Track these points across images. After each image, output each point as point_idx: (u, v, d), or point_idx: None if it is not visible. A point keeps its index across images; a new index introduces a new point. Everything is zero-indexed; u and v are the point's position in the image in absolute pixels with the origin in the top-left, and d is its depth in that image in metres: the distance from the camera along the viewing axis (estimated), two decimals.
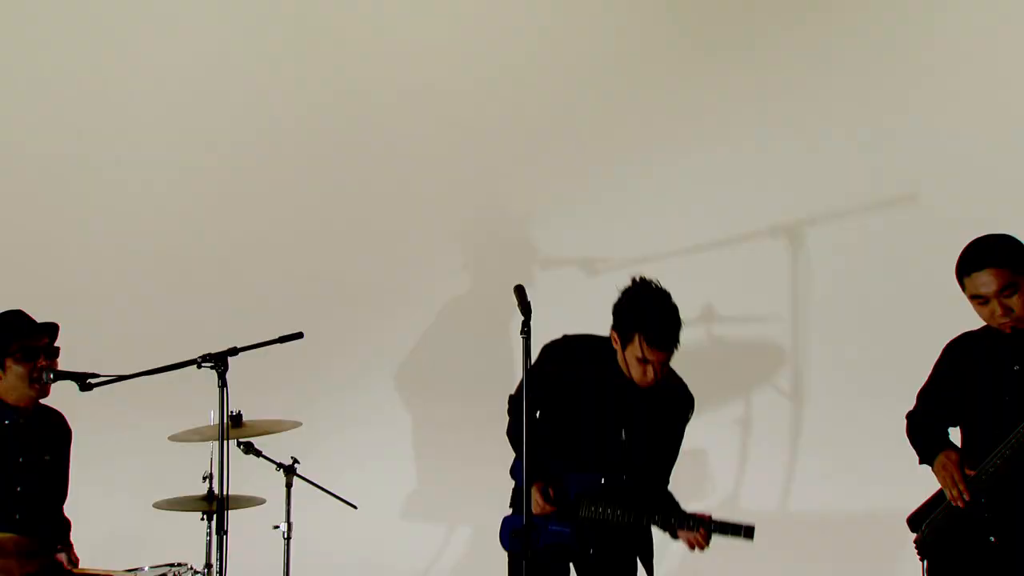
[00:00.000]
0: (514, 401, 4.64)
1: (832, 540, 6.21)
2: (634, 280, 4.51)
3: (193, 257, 6.91)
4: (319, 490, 5.40)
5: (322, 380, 6.74)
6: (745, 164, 6.48)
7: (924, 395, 4.53)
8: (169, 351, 6.53)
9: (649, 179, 6.60)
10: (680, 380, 4.61)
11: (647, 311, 4.32)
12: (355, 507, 5.48)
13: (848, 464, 6.21)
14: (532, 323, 4.30)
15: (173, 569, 4.94)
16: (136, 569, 4.96)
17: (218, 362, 4.40)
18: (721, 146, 6.50)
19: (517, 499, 4.57)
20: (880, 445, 5.94)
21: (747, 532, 4.42)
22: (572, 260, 6.64)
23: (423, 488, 6.72)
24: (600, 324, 6.42)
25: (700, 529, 4.41)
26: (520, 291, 4.35)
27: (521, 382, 4.48)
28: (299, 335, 4.62)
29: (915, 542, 4.47)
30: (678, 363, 4.66)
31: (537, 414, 4.54)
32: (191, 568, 5.04)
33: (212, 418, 5.04)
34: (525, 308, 4.23)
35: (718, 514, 4.50)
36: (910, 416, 4.55)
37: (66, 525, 4.96)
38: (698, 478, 6.37)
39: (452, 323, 6.74)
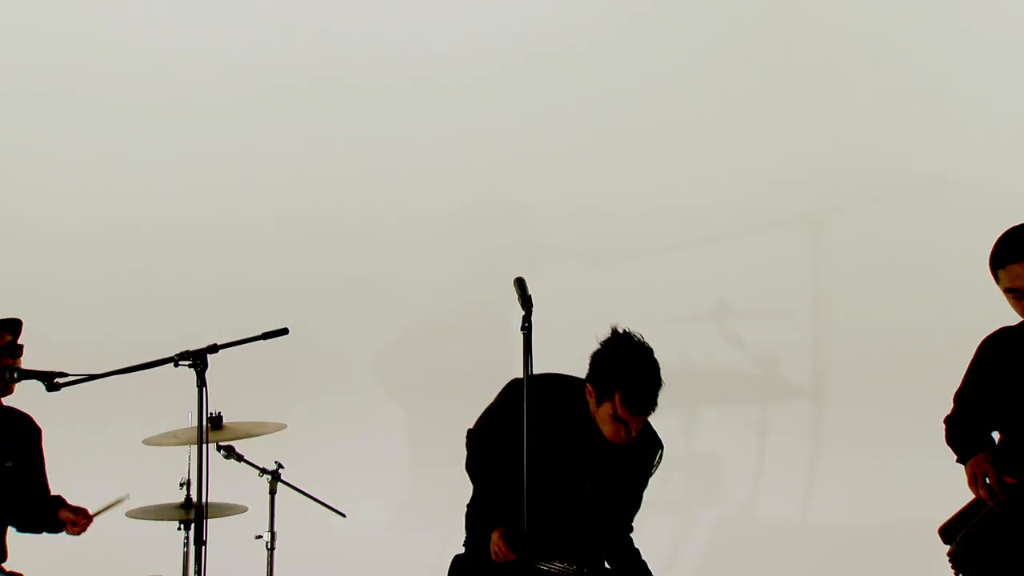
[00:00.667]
0: (474, 436, 4.62)
1: (856, 552, 6.20)
2: (615, 332, 4.49)
3: (169, 249, 6.90)
4: (305, 497, 5.36)
5: (308, 379, 6.73)
6: (762, 149, 6.47)
7: (961, 397, 4.48)
8: (144, 348, 6.56)
9: (658, 164, 6.60)
10: (649, 425, 4.57)
11: (628, 370, 4.30)
12: (343, 515, 5.46)
13: (873, 470, 6.21)
14: (533, 318, 4.31)
15: None
16: None
17: (196, 360, 4.35)
18: (736, 129, 6.49)
19: (473, 538, 4.54)
20: (909, 450, 6.02)
21: None
22: (575, 251, 6.64)
23: (417, 495, 6.72)
24: (603, 320, 6.43)
25: None
26: (520, 284, 4.33)
27: (481, 417, 4.56)
28: (284, 331, 4.59)
29: (949, 555, 4.42)
30: (690, 363, 4.60)
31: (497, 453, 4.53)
32: None
33: (190, 420, 4.92)
34: (526, 302, 4.21)
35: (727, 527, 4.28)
36: (948, 421, 4.50)
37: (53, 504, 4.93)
38: (711, 485, 6.37)
39: (447, 319, 6.73)
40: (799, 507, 6.33)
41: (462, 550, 4.70)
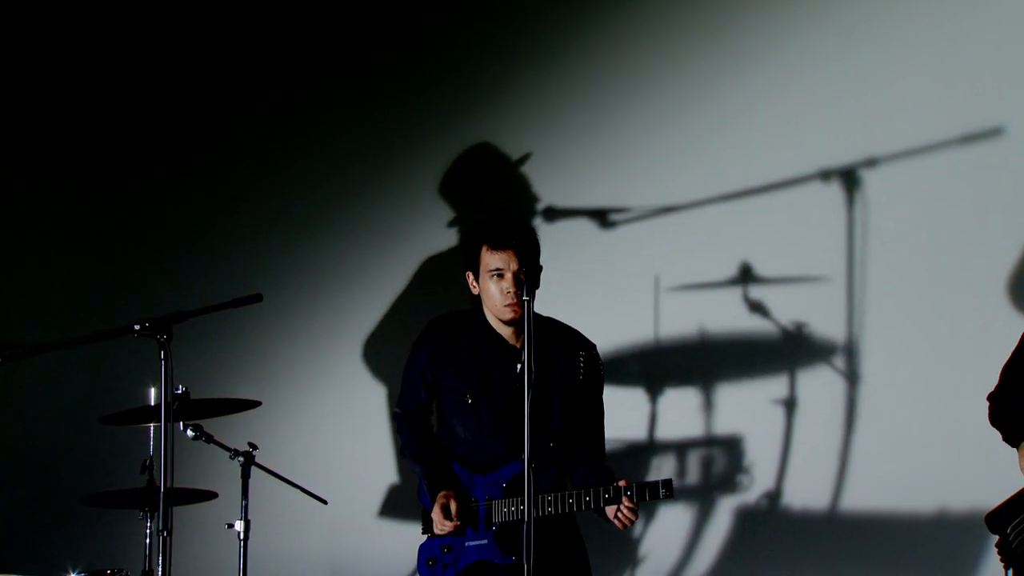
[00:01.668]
0: (400, 418, 4.91)
1: (894, 544, 6.19)
2: None
3: (131, 209, 6.90)
4: (281, 482, 5.34)
5: (285, 352, 6.75)
6: (789, 96, 6.42)
7: (1009, 371, 4.48)
8: (101, 317, 6.63)
9: (673, 114, 6.58)
10: (574, 329, 4.91)
11: (484, 222, 4.79)
12: (325, 502, 5.45)
13: (913, 454, 6.18)
14: (535, 283, 4.45)
15: None
16: None
17: (159, 330, 4.29)
18: (760, 75, 6.45)
19: (428, 521, 4.81)
20: (952, 431, 5.99)
21: (666, 487, 4.55)
22: (582, 211, 6.62)
23: (403, 481, 6.67)
24: (615, 285, 6.55)
25: (625, 500, 4.56)
26: (521, 243, 4.64)
27: (402, 392, 4.86)
28: (257, 297, 4.55)
29: (997, 545, 4.43)
30: (709, 334, 4.61)
31: (434, 421, 4.91)
32: (127, 575, 5.01)
33: (153, 397, 5.01)
34: (528, 265, 4.44)
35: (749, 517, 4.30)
36: (992, 398, 4.49)
37: None
38: (733, 469, 6.36)
39: (437, 287, 6.73)
40: (830, 494, 6.32)
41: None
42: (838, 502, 6.29)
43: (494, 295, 4.73)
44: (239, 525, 5.17)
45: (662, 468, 6.43)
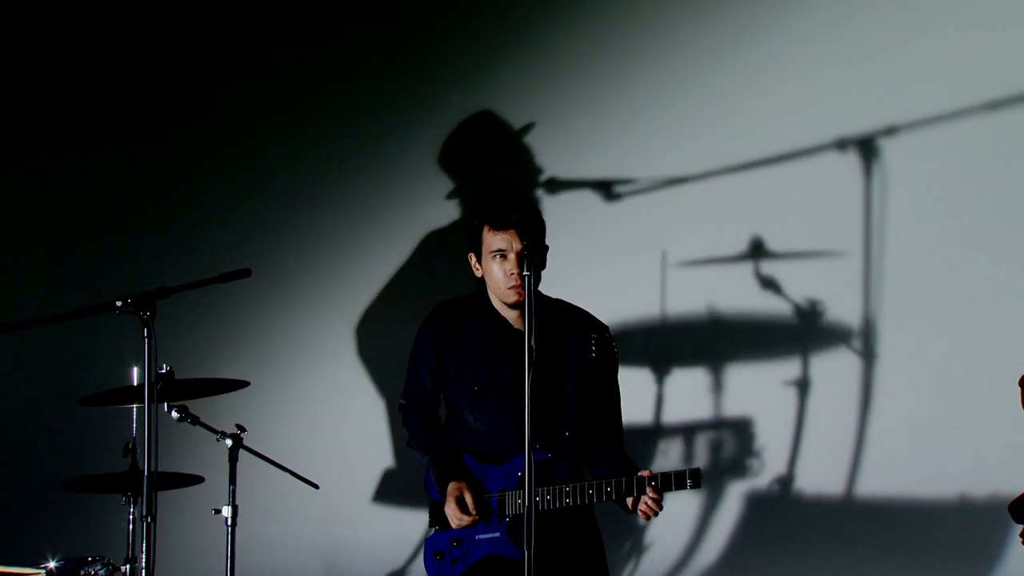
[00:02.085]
0: (406, 409, 4.91)
1: (912, 532, 6.19)
2: None
3: (112, 180, 6.88)
4: (271, 466, 5.32)
5: (274, 330, 6.75)
6: (804, 60, 6.41)
7: None
8: (82, 293, 6.62)
9: (682, 80, 6.56)
10: (586, 312, 4.90)
11: (485, 200, 4.77)
12: (316, 487, 5.43)
13: (933, 438, 6.18)
14: (538, 259, 4.42)
15: (87, 567, 4.90)
16: (41, 565, 4.92)
17: (142, 306, 4.26)
18: (773, 38, 6.44)
19: (437, 513, 4.80)
20: (974, 415, 5.99)
21: (692, 477, 4.50)
22: (586, 182, 6.61)
23: (399, 465, 6.69)
24: (620, 260, 6.54)
25: (648, 491, 4.53)
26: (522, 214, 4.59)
27: (407, 381, 4.84)
28: (246, 272, 4.54)
29: (1022, 536, 4.40)
30: (719, 312, 4.60)
31: (442, 414, 4.88)
32: (109, 563, 4.97)
33: (135, 376, 5.01)
34: (530, 243, 4.37)
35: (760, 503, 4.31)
36: None
37: None
38: (743, 453, 6.36)
39: (435, 262, 6.73)
40: (845, 480, 6.31)
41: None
42: (853, 488, 6.29)
43: (497, 277, 4.70)
44: (226, 511, 5.14)
45: (669, 452, 6.44)
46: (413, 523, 6.53)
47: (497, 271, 4.68)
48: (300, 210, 6.82)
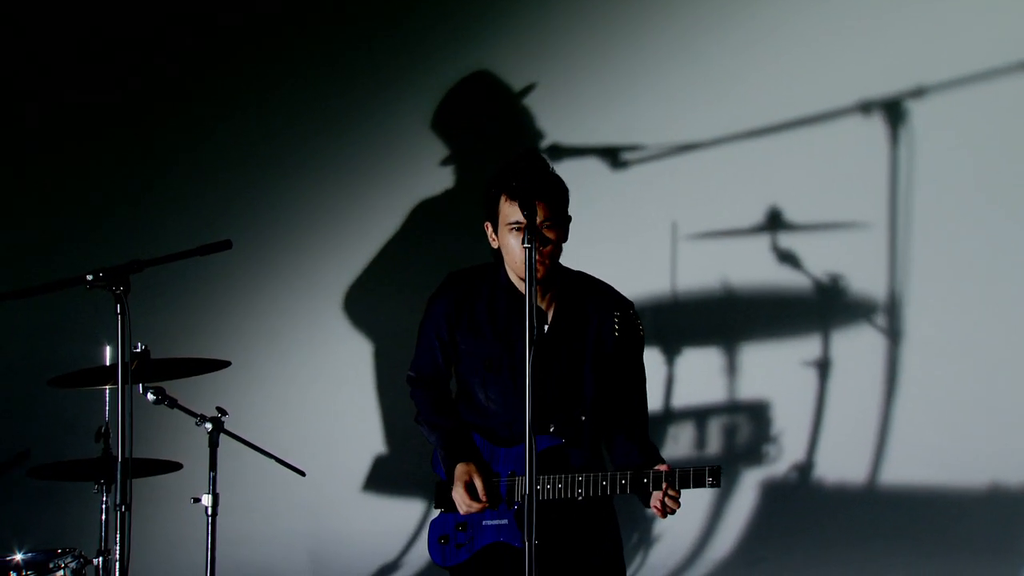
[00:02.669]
0: (414, 382, 4.90)
1: (940, 522, 6.23)
2: None
3: (82, 144, 6.87)
4: (254, 451, 5.32)
5: (257, 306, 6.76)
6: (825, 17, 6.42)
7: None
8: (49, 266, 6.60)
9: (693, 39, 6.57)
10: (610, 287, 4.85)
11: (504, 167, 4.71)
12: (303, 474, 5.42)
13: (962, 421, 6.21)
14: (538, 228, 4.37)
15: (56, 560, 4.88)
16: (7, 558, 4.90)
17: (115, 280, 4.25)
18: None
19: (443, 495, 4.78)
20: (1006, 397, 6.04)
21: (713, 475, 4.46)
22: (591, 149, 6.62)
23: (391, 451, 6.71)
24: (627, 232, 6.54)
25: (665, 486, 4.50)
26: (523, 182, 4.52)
27: (417, 353, 4.82)
28: (226, 244, 4.51)
29: None
30: (733, 287, 4.60)
31: (453, 388, 4.86)
32: (80, 556, 4.97)
33: (108, 356, 5.01)
34: (530, 213, 4.31)
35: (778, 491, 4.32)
36: None
37: None
38: (758, 439, 6.38)
39: (429, 234, 6.75)
40: (868, 466, 6.35)
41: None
42: (877, 476, 6.32)
43: (514, 251, 4.65)
44: (206, 499, 5.13)
45: (680, 438, 6.45)
46: (406, 513, 6.59)
47: (514, 245, 4.64)
48: (284, 178, 6.81)
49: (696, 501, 6.32)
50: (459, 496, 4.64)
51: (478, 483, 4.63)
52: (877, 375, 6.31)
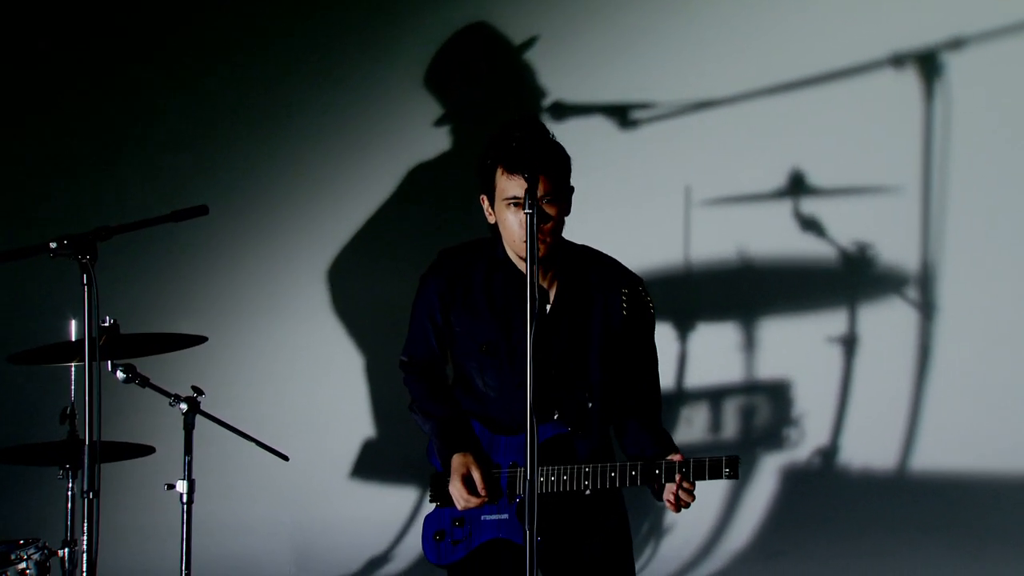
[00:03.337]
0: (408, 367, 4.90)
1: (975, 513, 6.24)
2: None
3: (46, 101, 6.85)
4: (233, 434, 5.31)
5: (236, 277, 6.77)
6: None
7: None
8: (11, 233, 6.59)
9: None
10: (616, 263, 4.84)
11: (500, 136, 4.67)
12: (285, 458, 5.41)
13: (999, 404, 6.22)
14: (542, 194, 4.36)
15: (18, 551, 4.84)
16: None
17: (81, 248, 4.25)
18: None
19: (439, 487, 4.78)
20: None
21: (730, 466, 4.44)
22: (598, 107, 6.62)
23: (380, 435, 6.72)
24: (637, 198, 6.53)
25: (678, 478, 4.48)
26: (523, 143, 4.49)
27: (410, 336, 4.80)
28: (202, 210, 4.51)
29: None
30: (751, 257, 4.58)
31: (450, 372, 4.86)
32: (44, 547, 4.94)
33: (74, 331, 4.99)
34: (531, 177, 4.27)
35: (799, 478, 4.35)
36: None
37: None
38: (778, 422, 6.40)
39: (421, 200, 6.75)
40: (898, 452, 6.37)
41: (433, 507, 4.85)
42: (907, 462, 6.35)
43: (512, 228, 4.64)
44: (181, 486, 5.10)
45: (693, 421, 6.47)
46: (398, 502, 6.61)
47: (512, 221, 4.62)
48: (266, 139, 6.81)
49: (711, 489, 6.22)
50: (456, 490, 4.63)
51: (477, 476, 4.62)
52: (908, 353, 6.34)
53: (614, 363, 4.69)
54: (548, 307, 4.60)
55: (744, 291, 6.45)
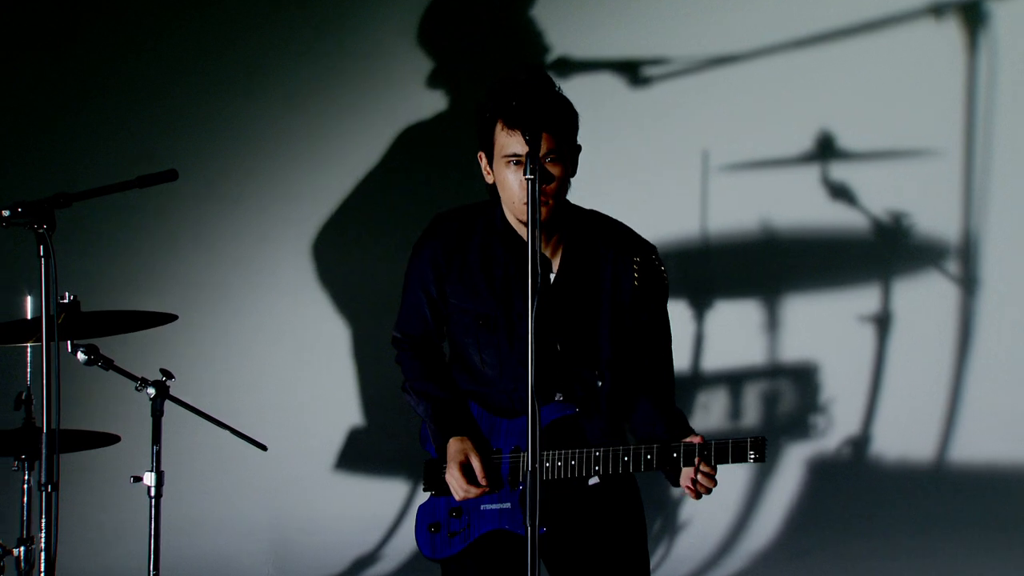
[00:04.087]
0: (401, 345, 4.89)
1: (1018, 506, 6.26)
2: None
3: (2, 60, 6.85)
4: (205, 421, 5.29)
5: (209, 251, 6.76)
6: None
7: None
8: None
9: None
10: (626, 228, 4.82)
11: (499, 88, 4.63)
12: (264, 448, 5.40)
13: None
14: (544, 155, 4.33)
15: None
16: None
17: (38, 217, 4.20)
18: None
19: (434, 475, 4.77)
20: None
21: (756, 449, 4.40)
22: (606, 63, 6.62)
23: (368, 422, 6.73)
24: (649, 163, 6.54)
25: (698, 460, 4.46)
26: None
27: (402, 310, 4.79)
28: (171, 175, 4.45)
29: None
30: (775, 228, 4.55)
31: (446, 349, 4.84)
32: None
33: (30, 308, 5.00)
34: (533, 138, 4.28)
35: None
36: None
37: None
38: (805, 407, 6.42)
39: (412, 166, 6.78)
40: (936, 441, 6.38)
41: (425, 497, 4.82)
42: (946, 452, 6.37)
43: (512, 187, 4.61)
44: (149, 478, 5.10)
45: (711, 407, 6.48)
46: (387, 496, 6.63)
47: (512, 181, 4.60)
48: (242, 98, 6.82)
49: (730, 481, 6.35)
50: (454, 479, 4.61)
51: (476, 463, 4.60)
52: (947, 332, 6.37)
53: (624, 338, 4.68)
54: (552, 276, 4.59)
55: (767, 266, 6.48)
